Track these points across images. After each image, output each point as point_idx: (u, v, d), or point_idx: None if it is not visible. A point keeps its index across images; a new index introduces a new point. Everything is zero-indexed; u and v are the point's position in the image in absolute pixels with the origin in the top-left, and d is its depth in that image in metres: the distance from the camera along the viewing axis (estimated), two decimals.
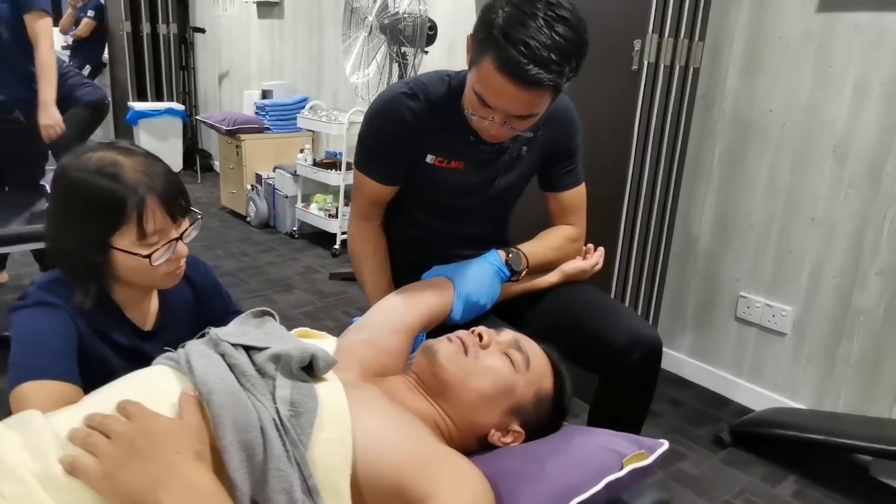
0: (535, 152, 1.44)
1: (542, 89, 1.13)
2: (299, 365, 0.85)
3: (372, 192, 1.44)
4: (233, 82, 5.66)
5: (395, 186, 1.43)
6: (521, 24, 1.09)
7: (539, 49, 1.08)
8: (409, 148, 1.37)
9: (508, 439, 1.04)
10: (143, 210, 1.02)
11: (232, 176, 4.58)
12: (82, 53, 5.94)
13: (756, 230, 2.35)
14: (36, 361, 1.00)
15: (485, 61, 1.13)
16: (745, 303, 2.41)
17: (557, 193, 1.50)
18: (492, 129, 1.24)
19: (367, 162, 1.42)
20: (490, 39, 1.11)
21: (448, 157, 1.38)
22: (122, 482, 0.68)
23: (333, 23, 4.20)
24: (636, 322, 1.35)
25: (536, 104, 1.18)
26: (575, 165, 1.49)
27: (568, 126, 1.44)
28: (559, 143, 1.45)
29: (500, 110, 1.18)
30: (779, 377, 2.36)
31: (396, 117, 1.34)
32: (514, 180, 1.46)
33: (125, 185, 1.01)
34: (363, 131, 1.41)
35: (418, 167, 1.39)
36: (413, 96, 1.34)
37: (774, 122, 2.25)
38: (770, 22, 2.22)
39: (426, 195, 1.46)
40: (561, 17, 1.10)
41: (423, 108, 1.34)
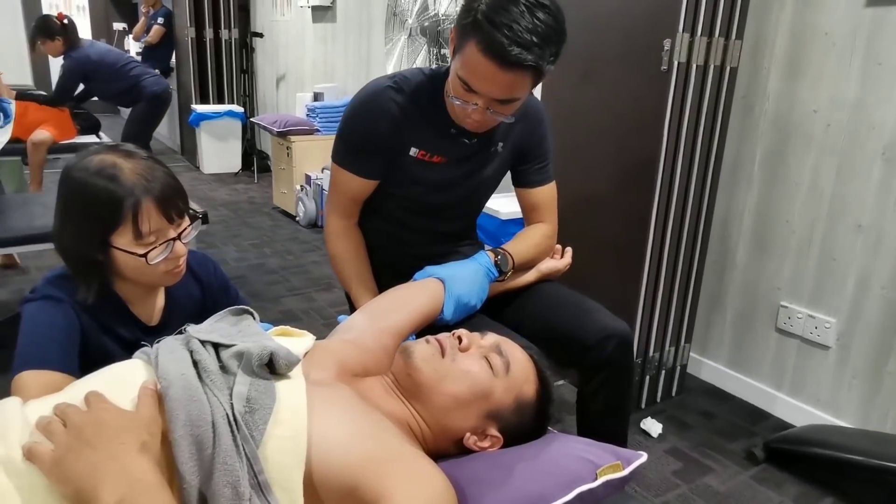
0: (509, 148, 1.49)
1: (524, 71, 1.18)
2: (259, 362, 0.86)
3: (352, 187, 1.46)
4: (288, 85, 5.82)
5: (376, 181, 1.46)
6: (504, 9, 1.14)
7: (522, 32, 1.13)
8: (393, 141, 1.40)
9: (486, 444, 1.03)
10: (139, 211, 1.06)
11: (283, 176, 4.71)
12: (152, 59, 6.25)
13: (798, 237, 2.24)
14: (36, 352, 1.06)
15: (469, 46, 1.18)
16: (785, 313, 2.29)
17: (530, 190, 1.55)
18: (475, 115, 1.28)
19: (349, 156, 1.44)
20: (474, 24, 1.17)
21: (430, 152, 1.42)
22: (68, 469, 0.71)
23: (381, 26, 4.26)
24: (605, 317, 1.40)
25: (518, 87, 1.23)
26: (546, 163, 1.55)
27: (539, 124, 1.51)
28: (531, 141, 1.51)
29: (484, 94, 1.23)
30: (821, 392, 2.24)
31: (383, 109, 1.38)
32: (489, 176, 1.52)
33: (122, 187, 1.06)
34: (345, 125, 1.44)
35: (401, 161, 1.42)
36: (398, 90, 1.39)
37: (818, 123, 2.14)
38: (815, 18, 2.11)
39: (405, 190, 1.48)
40: (541, 5, 1.16)
41: (407, 102, 1.38)
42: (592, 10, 2.13)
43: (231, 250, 3.93)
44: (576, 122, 2.30)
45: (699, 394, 2.49)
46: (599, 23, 2.15)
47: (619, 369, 1.39)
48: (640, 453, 1.00)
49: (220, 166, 5.90)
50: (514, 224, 2.54)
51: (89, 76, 4.13)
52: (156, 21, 6.11)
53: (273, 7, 5.84)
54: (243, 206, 4.98)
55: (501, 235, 2.53)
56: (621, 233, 2.23)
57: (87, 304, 1.15)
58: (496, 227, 2.57)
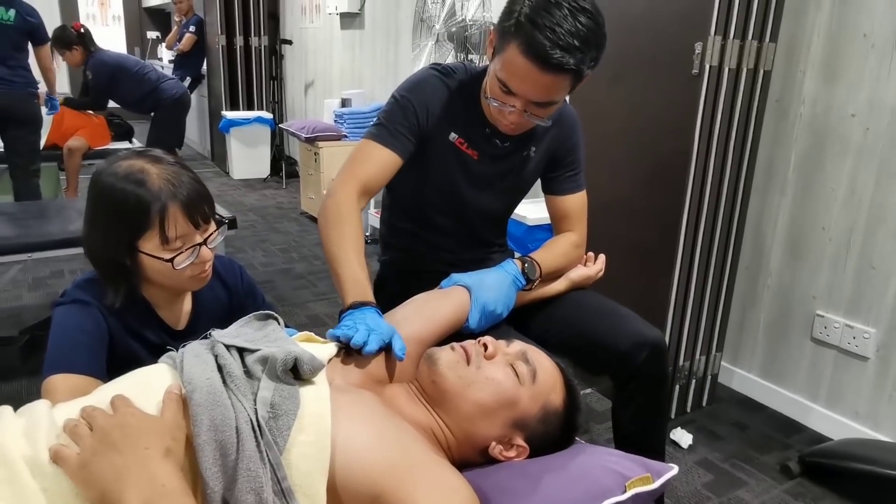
0: (541, 154, 1.48)
1: (564, 74, 1.17)
2: (283, 367, 0.86)
3: (374, 161, 1.35)
4: (317, 91, 5.87)
5: (399, 163, 1.37)
6: (547, 12, 1.14)
7: (564, 35, 1.13)
8: (437, 122, 1.39)
9: (511, 454, 1.01)
10: (165, 216, 1.07)
11: (311, 182, 4.75)
12: (184, 67, 6.37)
13: (835, 244, 2.17)
14: (64, 356, 1.08)
15: (510, 47, 1.18)
16: (821, 322, 2.23)
17: (560, 197, 1.53)
18: (511, 117, 1.27)
19: (390, 125, 1.36)
20: (516, 26, 1.16)
21: (467, 142, 1.42)
22: (93, 473, 0.71)
23: (409, 32, 4.27)
24: (639, 325, 1.38)
25: (557, 90, 1.22)
26: (578, 171, 1.53)
27: (572, 131, 1.49)
28: (564, 147, 1.49)
29: (522, 96, 1.22)
30: (860, 405, 2.17)
31: (437, 88, 1.39)
32: (521, 180, 1.51)
33: (149, 192, 1.06)
34: (398, 97, 1.39)
35: (439, 145, 1.41)
36: (447, 76, 1.40)
37: (856, 127, 2.08)
38: (853, 19, 2.05)
39: (439, 181, 1.45)
40: (583, 8, 1.16)
41: (454, 90, 1.39)
42: (622, 12, 2.11)
43: (259, 255, 3.96)
44: (605, 126, 2.27)
45: (731, 404, 2.43)
46: (629, 26, 2.12)
47: (654, 378, 1.36)
48: (670, 466, 0.97)
49: (250, 172, 5.97)
50: (541, 230, 2.52)
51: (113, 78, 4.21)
52: (188, 29, 6.22)
53: (302, 14, 5.91)
54: (271, 212, 5.03)
55: (528, 241, 2.51)
56: (651, 238, 2.19)
57: (115, 308, 1.16)
58: (523, 233, 2.55)
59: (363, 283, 1.21)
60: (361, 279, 1.21)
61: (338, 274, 1.23)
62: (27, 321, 2.79)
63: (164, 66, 7.47)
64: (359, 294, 1.18)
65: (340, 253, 1.24)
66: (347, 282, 1.20)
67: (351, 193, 1.31)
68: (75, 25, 4.19)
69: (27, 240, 2.31)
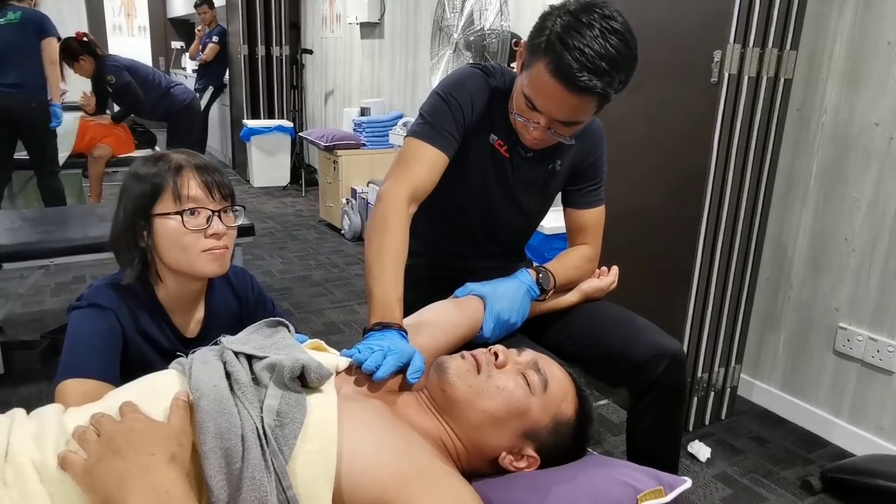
0: (566, 167, 1.45)
1: (590, 96, 1.16)
2: (290, 375, 0.86)
3: (424, 162, 1.31)
4: (336, 100, 5.91)
5: (445, 162, 1.33)
6: (578, 31, 1.12)
7: (593, 57, 1.12)
8: (480, 121, 1.36)
9: (522, 464, 0.99)
10: (179, 176, 1.12)
11: (329, 190, 4.78)
12: (206, 76, 6.47)
13: (858, 255, 2.13)
14: (78, 360, 1.09)
15: (538, 65, 1.17)
16: (844, 335, 2.18)
17: (579, 211, 1.51)
18: (535, 133, 1.26)
19: (435, 123, 1.32)
20: (546, 44, 1.15)
21: (506, 145, 1.39)
22: (97, 478, 0.71)
23: (428, 41, 4.29)
24: (658, 335, 1.36)
25: (582, 111, 1.21)
26: (599, 185, 1.50)
27: (597, 145, 1.47)
28: (588, 160, 1.46)
29: (546, 114, 1.22)
30: (884, 420, 2.11)
31: (482, 87, 1.36)
32: (546, 194, 1.49)
33: (167, 163, 1.14)
34: (443, 94, 1.35)
35: (478, 145, 1.38)
36: (489, 75, 1.38)
37: (880, 137, 2.04)
38: (877, 26, 2.02)
39: (475, 182, 1.42)
40: (615, 30, 1.13)
41: (494, 90, 1.37)
42: (640, 20, 2.07)
43: (277, 262, 3.99)
44: (622, 135, 2.25)
45: (750, 417, 2.38)
46: (647, 34, 2.09)
47: (672, 389, 1.34)
48: (683, 479, 0.95)
49: (270, 180, 6.03)
50: (558, 239, 2.50)
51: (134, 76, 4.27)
52: (211, 39, 6.32)
53: (323, 24, 5.96)
54: (290, 219, 5.06)
55: (545, 250, 2.50)
56: (669, 248, 2.16)
57: (130, 313, 1.17)
58: (540, 242, 2.53)
59: (392, 302, 1.17)
60: (391, 298, 1.17)
61: (370, 289, 1.20)
62: (49, 325, 2.84)
63: (188, 76, 7.59)
64: (384, 314, 1.15)
65: (376, 265, 1.22)
66: (376, 300, 1.17)
67: (400, 199, 1.27)
68: (77, 35, 4.25)
69: (49, 245, 2.35)
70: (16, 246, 2.32)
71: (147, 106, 4.34)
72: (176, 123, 4.51)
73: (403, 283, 1.57)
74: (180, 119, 4.50)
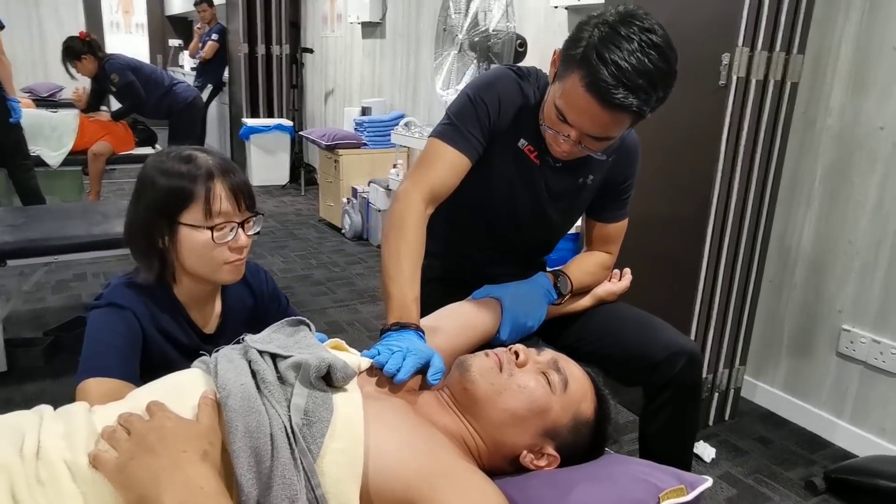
0: (598, 182, 1.41)
1: (625, 113, 1.12)
2: (316, 374, 0.86)
3: (445, 164, 1.29)
4: (336, 99, 5.91)
5: (467, 167, 1.31)
6: (616, 45, 1.07)
7: (630, 73, 1.07)
8: (510, 125, 1.32)
9: (542, 462, 1.00)
10: (212, 189, 1.11)
11: (330, 189, 4.77)
12: (205, 74, 6.45)
13: (862, 257, 2.15)
14: (98, 360, 1.09)
15: (572, 77, 1.12)
16: (848, 337, 2.20)
17: (603, 223, 1.49)
18: (564, 146, 1.23)
19: (461, 126, 1.30)
20: (582, 56, 1.10)
21: (537, 151, 1.35)
22: (131, 476, 0.72)
23: (429, 41, 4.29)
24: (674, 334, 1.37)
25: (616, 127, 1.17)
26: (628, 200, 1.48)
27: (634, 162, 1.44)
28: (621, 176, 1.43)
29: (578, 128, 1.17)
30: (887, 422, 2.13)
31: (512, 87, 1.32)
32: (574, 208, 1.46)
33: (198, 168, 1.12)
34: (474, 94, 1.32)
35: (507, 149, 1.34)
36: (523, 78, 1.34)
37: (885, 140, 2.06)
38: (882, 31, 2.03)
39: (499, 186, 1.38)
40: (655, 44, 1.08)
41: (528, 94, 1.33)
42: None
43: (278, 261, 3.98)
44: None
45: (753, 418, 2.40)
46: None
47: (688, 388, 1.35)
48: (704, 478, 0.96)
49: (269, 179, 6.02)
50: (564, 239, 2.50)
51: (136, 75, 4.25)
52: (210, 37, 6.30)
53: (323, 23, 5.96)
54: (290, 218, 5.06)
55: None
56: (675, 250, 2.17)
57: (149, 311, 1.17)
58: None
59: (409, 302, 1.16)
60: (408, 297, 1.16)
61: (387, 289, 1.19)
62: (50, 323, 2.83)
63: (186, 74, 7.57)
64: (402, 314, 1.14)
65: (393, 265, 1.20)
66: (394, 300, 1.16)
67: (418, 200, 1.26)
68: (81, 34, 4.24)
69: (53, 242, 2.34)
70: (19, 242, 2.31)
71: (150, 104, 4.32)
72: (178, 121, 4.50)
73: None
74: (183, 117, 4.49)
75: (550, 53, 1.24)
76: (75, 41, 4.15)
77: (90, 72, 4.23)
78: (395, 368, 0.99)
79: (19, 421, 0.82)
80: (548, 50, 3.22)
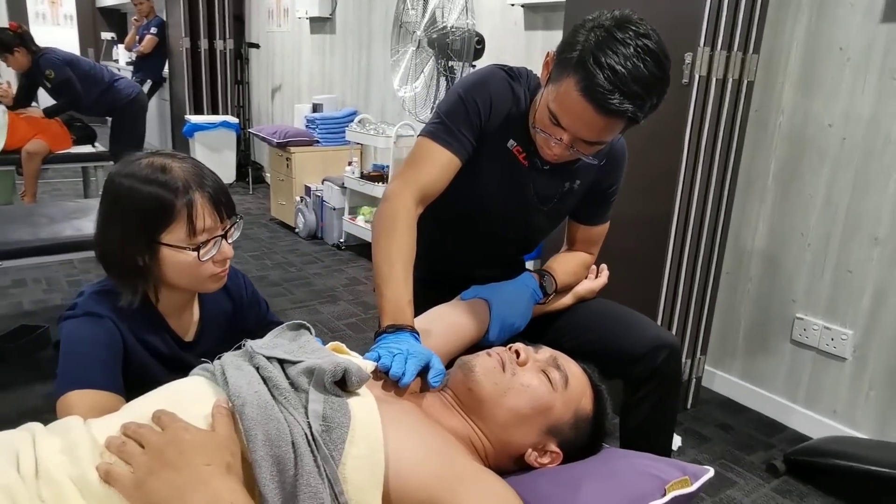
0: (585, 186, 1.43)
1: (619, 118, 1.12)
2: (332, 379, 0.84)
3: (435, 165, 1.28)
4: (284, 96, 5.79)
5: (457, 167, 1.30)
6: (612, 49, 1.07)
7: (626, 79, 1.06)
8: (500, 126, 1.32)
9: (546, 460, 1.01)
10: (193, 207, 1.05)
11: (282, 188, 4.67)
12: (143, 69, 6.20)
13: (813, 249, 2.25)
14: (80, 371, 1.02)
15: (567, 81, 1.12)
16: (801, 325, 2.31)
17: (588, 226, 1.52)
18: (556, 149, 1.22)
19: (451, 124, 1.29)
20: (577, 61, 1.10)
21: (525, 153, 1.35)
22: (152, 491, 0.68)
23: (382, 38, 4.26)
24: (654, 327, 1.40)
25: (609, 132, 1.17)
26: (613, 203, 1.51)
27: (620, 166, 1.45)
28: (607, 181, 1.45)
29: (571, 132, 1.17)
30: (838, 404, 2.25)
31: (503, 87, 1.31)
32: (559, 212, 1.47)
33: (175, 185, 1.05)
34: (464, 94, 1.30)
35: (496, 149, 1.34)
36: (514, 78, 1.33)
37: (833, 137, 2.16)
38: (829, 33, 2.14)
39: (487, 185, 1.38)
40: (650, 50, 1.08)
41: (519, 95, 1.33)
42: None
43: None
44: None
45: (714, 406, 2.49)
46: None
47: (670, 378, 1.38)
48: (706, 468, 0.99)
49: None
50: None
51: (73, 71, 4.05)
52: (148, 31, 6.06)
53: (269, 18, 5.82)
54: None
55: None
56: (640, 245, 2.22)
57: (127, 319, 1.12)
58: None
59: (403, 304, 1.15)
60: (402, 299, 1.16)
61: (380, 290, 1.18)
62: None
63: (121, 69, 7.26)
64: (396, 317, 1.13)
65: (385, 267, 1.19)
66: (387, 302, 1.15)
67: (408, 200, 1.25)
68: (12, 26, 4.01)
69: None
70: None
71: (89, 101, 4.12)
72: (121, 119, 4.30)
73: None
74: (125, 114, 4.30)
75: (508, 50, 1.24)
76: (5, 33, 3.91)
77: (22, 66, 3.99)
78: (400, 372, 0.98)
79: (7, 439, 0.77)
80: (504, 47, 3.25)
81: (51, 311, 3.00)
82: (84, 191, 4.39)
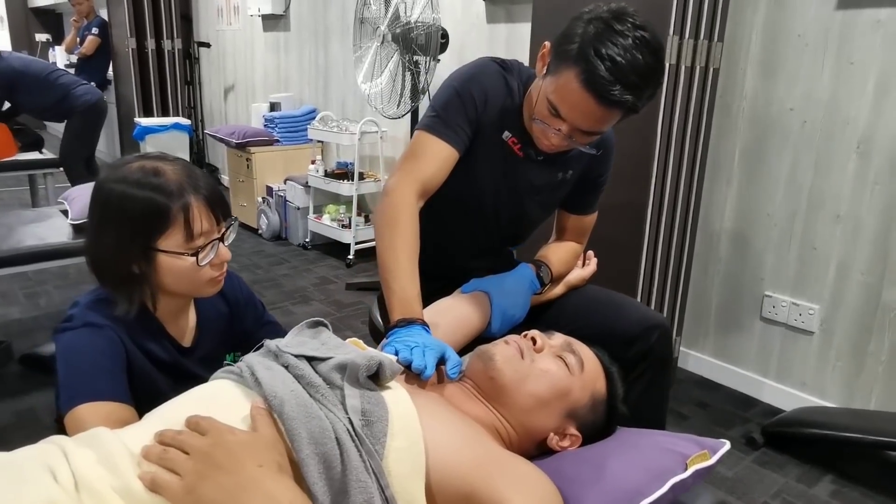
0: (576, 176, 1.46)
1: (619, 109, 1.15)
2: (366, 373, 0.84)
3: (435, 158, 1.29)
4: (238, 96, 5.67)
5: (455, 158, 1.31)
6: (612, 41, 1.09)
7: (626, 70, 1.09)
8: (495, 118, 1.33)
9: (566, 443, 1.03)
10: (190, 210, 1.03)
11: (242, 189, 4.58)
12: (86, 71, 5.94)
13: (779, 229, 2.34)
14: (87, 383, 0.99)
15: (567, 73, 1.14)
16: (770, 302, 2.40)
17: (579, 215, 1.55)
18: (554, 139, 1.24)
19: (447, 118, 1.30)
20: (577, 52, 1.11)
21: (520, 143, 1.36)
22: (204, 496, 0.66)
23: (339, 34, 4.21)
24: (644, 309, 1.45)
25: (607, 122, 1.20)
26: (601, 192, 1.54)
27: (610, 155, 1.49)
28: (597, 170, 1.48)
29: (570, 123, 1.19)
30: (807, 376, 2.35)
31: (497, 79, 1.33)
32: (551, 202, 1.49)
33: (170, 190, 1.02)
34: (459, 87, 1.31)
35: (491, 141, 1.35)
36: (507, 70, 1.35)
37: (795, 120, 2.25)
38: (788, 20, 2.22)
39: (482, 177, 1.39)
40: (647, 42, 1.12)
41: (512, 87, 1.34)
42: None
43: None
44: None
45: (689, 385, 2.56)
46: None
47: (663, 357, 1.42)
48: (722, 441, 1.02)
49: None
50: None
51: (14, 87, 3.87)
52: (90, 31, 5.82)
53: (218, 16, 5.68)
54: None
55: None
56: (617, 231, 2.27)
57: (127, 328, 1.08)
58: None
59: (412, 297, 1.15)
60: (410, 293, 1.16)
61: (387, 285, 1.18)
62: None
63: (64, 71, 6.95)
64: (406, 310, 1.13)
65: (391, 261, 1.19)
66: (395, 296, 1.15)
67: (409, 194, 1.25)
68: None
69: None
70: None
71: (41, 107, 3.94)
72: (78, 124, 4.12)
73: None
74: (84, 119, 4.11)
75: (470, 44, 1.25)
76: None
77: None
78: (422, 365, 0.98)
79: (36, 455, 0.74)
80: (467, 41, 3.26)
81: (10, 325, 2.87)
82: (31, 200, 4.20)
